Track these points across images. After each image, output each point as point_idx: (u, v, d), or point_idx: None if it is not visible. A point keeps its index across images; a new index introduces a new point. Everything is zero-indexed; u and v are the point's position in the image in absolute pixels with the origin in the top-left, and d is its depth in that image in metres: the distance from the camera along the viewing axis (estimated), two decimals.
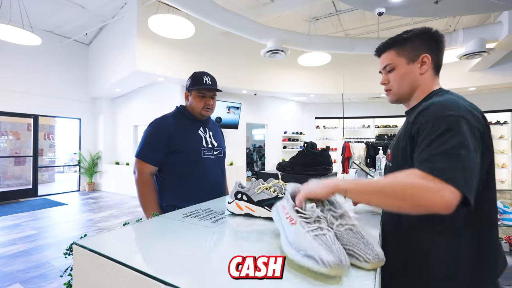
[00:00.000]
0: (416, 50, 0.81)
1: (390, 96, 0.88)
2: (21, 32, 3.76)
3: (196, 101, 1.39)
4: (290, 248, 0.50)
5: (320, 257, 0.45)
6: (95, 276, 0.57)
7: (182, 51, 5.59)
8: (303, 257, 0.47)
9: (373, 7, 3.87)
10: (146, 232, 0.72)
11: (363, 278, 0.48)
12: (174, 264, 0.54)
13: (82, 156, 7.30)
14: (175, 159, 1.35)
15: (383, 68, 0.88)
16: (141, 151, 1.35)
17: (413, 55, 0.81)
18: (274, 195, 0.88)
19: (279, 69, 6.97)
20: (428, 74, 0.82)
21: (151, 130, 1.36)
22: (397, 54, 0.83)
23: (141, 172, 1.34)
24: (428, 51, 0.80)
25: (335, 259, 0.44)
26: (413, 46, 0.81)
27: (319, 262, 0.44)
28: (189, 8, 3.67)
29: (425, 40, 0.80)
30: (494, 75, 6.04)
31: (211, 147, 1.44)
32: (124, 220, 4.46)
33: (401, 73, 0.83)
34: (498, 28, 4.36)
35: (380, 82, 0.89)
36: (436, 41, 0.81)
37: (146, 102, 6.73)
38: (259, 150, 10.85)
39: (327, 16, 5.40)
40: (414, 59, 0.81)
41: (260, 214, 0.87)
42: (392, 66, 0.84)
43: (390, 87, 0.87)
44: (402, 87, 0.84)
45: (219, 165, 1.49)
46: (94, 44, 6.99)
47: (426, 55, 0.80)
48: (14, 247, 3.25)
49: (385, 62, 0.86)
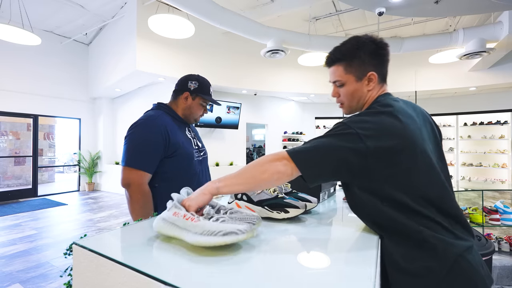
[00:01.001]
0: (363, 67, 0.82)
1: (344, 109, 0.91)
2: (21, 32, 3.75)
3: (197, 107, 1.34)
4: (203, 237, 0.57)
5: (238, 229, 0.57)
6: (95, 276, 0.57)
7: (182, 51, 5.59)
8: (223, 236, 0.56)
9: (373, 7, 3.88)
10: (146, 232, 0.72)
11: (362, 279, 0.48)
12: (174, 264, 0.54)
13: (82, 156, 7.30)
14: (168, 163, 1.21)
15: (333, 83, 0.89)
16: (133, 158, 1.16)
17: (360, 73, 0.82)
18: (274, 195, 0.88)
19: (279, 69, 6.97)
20: (375, 87, 0.84)
21: (141, 132, 1.18)
22: (345, 71, 0.84)
23: (138, 183, 1.14)
24: (373, 68, 0.82)
25: (247, 225, 0.59)
26: (360, 62, 0.82)
27: (238, 233, 0.56)
28: (189, 8, 3.67)
29: (370, 56, 0.81)
30: (494, 75, 6.04)
31: (197, 148, 1.37)
32: (124, 220, 4.46)
33: (350, 90, 0.84)
34: (498, 28, 4.36)
35: (331, 95, 0.91)
36: (380, 55, 0.82)
37: (146, 102, 6.72)
38: (259, 150, 10.86)
39: (327, 16, 5.40)
40: (361, 76, 0.82)
41: (260, 214, 0.87)
42: (341, 82, 0.85)
43: (341, 101, 0.89)
44: (353, 103, 0.86)
45: (205, 166, 1.43)
46: (94, 44, 6.99)
47: (373, 72, 0.81)
48: (14, 247, 3.25)
49: (334, 77, 0.87)
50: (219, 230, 0.57)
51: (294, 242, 0.71)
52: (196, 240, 0.57)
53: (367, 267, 0.53)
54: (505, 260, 2.39)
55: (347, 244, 0.68)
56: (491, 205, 2.62)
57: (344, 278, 0.49)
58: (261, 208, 0.87)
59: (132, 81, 5.94)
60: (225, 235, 0.56)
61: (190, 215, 0.62)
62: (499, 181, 6.82)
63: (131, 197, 1.15)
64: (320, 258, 0.60)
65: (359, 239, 0.71)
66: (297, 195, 0.94)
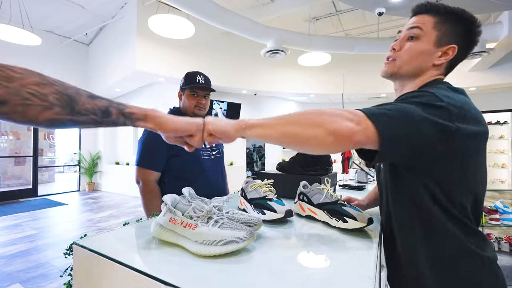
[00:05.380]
0: (450, 36, 0.68)
1: (388, 67, 0.75)
2: (21, 32, 3.75)
3: (188, 100, 1.38)
4: (204, 247, 0.57)
5: (238, 237, 0.57)
6: (95, 276, 0.57)
7: (182, 51, 5.59)
8: (224, 245, 0.56)
9: (373, 7, 3.88)
10: (146, 232, 0.72)
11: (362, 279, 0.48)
12: (174, 264, 0.54)
13: (82, 156, 7.30)
14: (175, 162, 1.33)
15: (407, 29, 0.72)
16: (143, 158, 1.31)
17: (444, 39, 0.68)
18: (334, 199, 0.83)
19: (279, 69, 6.97)
20: (440, 67, 0.71)
21: (149, 136, 1.31)
22: (434, 27, 0.68)
23: (146, 181, 1.30)
24: (458, 43, 0.68)
25: (246, 231, 0.58)
26: (451, 29, 0.68)
27: (239, 241, 0.56)
28: (189, 8, 3.66)
29: (463, 30, 0.68)
30: (494, 75, 6.04)
31: (209, 147, 1.44)
32: (124, 220, 4.46)
33: (421, 48, 0.69)
34: (498, 28, 4.36)
35: (392, 45, 0.75)
36: (471, 39, 0.69)
37: (146, 102, 6.72)
38: (259, 150, 10.85)
39: (327, 16, 5.40)
40: (441, 43, 0.68)
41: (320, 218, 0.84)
42: (419, 34, 0.70)
43: (397, 56, 0.73)
44: (410, 64, 0.71)
45: (218, 165, 1.49)
46: (94, 44, 6.99)
47: (454, 46, 0.67)
48: (14, 247, 3.25)
49: (416, 23, 0.70)
50: (220, 239, 0.56)
51: (295, 242, 0.71)
52: (197, 249, 0.57)
53: (367, 267, 0.53)
54: (505, 260, 2.39)
55: (347, 244, 0.68)
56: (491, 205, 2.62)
57: (344, 278, 0.49)
58: (321, 212, 0.83)
59: (132, 81, 5.94)
60: (225, 244, 0.56)
61: (188, 221, 0.61)
62: (499, 181, 6.82)
63: (141, 193, 1.31)
64: (320, 258, 0.60)
65: (359, 239, 0.71)
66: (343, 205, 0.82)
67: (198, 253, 0.57)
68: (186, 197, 0.68)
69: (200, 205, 0.65)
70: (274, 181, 0.95)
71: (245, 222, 0.67)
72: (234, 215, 0.68)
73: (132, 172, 6.66)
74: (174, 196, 0.69)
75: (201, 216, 0.61)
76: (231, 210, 0.69)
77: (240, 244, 0.56)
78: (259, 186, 0.89)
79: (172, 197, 0.68)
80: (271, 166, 8.03)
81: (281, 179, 1.23)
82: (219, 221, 0.61)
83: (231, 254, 0.57)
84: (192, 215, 0.62)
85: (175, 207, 0.66)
